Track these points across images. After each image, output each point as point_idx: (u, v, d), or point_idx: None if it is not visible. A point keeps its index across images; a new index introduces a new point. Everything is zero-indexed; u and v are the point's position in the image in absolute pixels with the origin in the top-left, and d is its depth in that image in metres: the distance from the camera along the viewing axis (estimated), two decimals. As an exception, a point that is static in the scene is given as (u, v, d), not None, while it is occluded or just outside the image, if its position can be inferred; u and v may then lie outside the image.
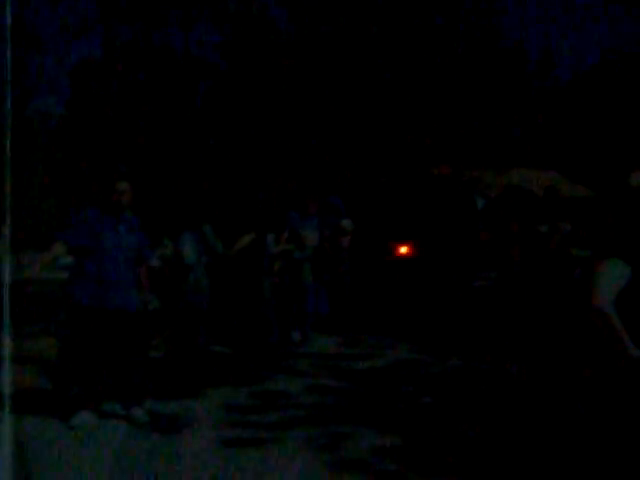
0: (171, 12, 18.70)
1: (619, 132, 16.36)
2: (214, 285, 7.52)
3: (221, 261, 7.80)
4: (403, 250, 9.68)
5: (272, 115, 17.56)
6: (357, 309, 9.69)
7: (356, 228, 9.64)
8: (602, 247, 2.87)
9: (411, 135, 17.17)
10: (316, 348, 8.58)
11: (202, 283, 7.24)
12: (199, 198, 8.61)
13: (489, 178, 9.70)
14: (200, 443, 4.92)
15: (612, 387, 2.79)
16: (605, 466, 2.79)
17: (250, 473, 4.33)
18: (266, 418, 5.55)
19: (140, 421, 5.38)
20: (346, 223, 9.55)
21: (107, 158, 16.19)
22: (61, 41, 18.81)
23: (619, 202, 2.89)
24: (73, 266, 5.51)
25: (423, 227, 9.60)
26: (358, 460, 4.59)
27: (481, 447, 4.83)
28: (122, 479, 4.25)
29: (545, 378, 5.24)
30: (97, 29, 18.64)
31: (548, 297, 5.56)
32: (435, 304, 9.03)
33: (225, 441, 4.95)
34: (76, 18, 18.62)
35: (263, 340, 8.13)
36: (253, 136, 17.62)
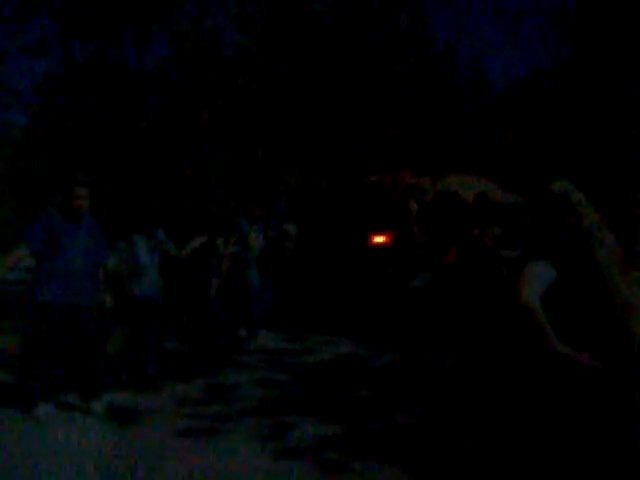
0: (126, 30, 18.42)
1: (546, 141, 16.63)
2: (167, 285, 7.31)
3: (173, 262, 7.61)
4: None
5: (221, 126, 17.45)
6: (300, 308, 9.58)
7: (300, 232, 9.54)
8: (529, 249, 2.84)
9: (352, 146, 17.27)
10: (262, 344, 8.44)
11: (155, 283, 7.01)
12: (153, 204, 8.38)
13: (425, 184, 9.66)
14: (155, 434, 4.82)
15: (539, 379, 2.76)
16: (534, 447, 2.75)
17: (201, 462, 4.23)
18: (216, 410, 5.47)
19: (98, 413, 5.28)
20: (290, 227, 9.47)
21: (67, 166, 15.78)
22: (24, 57, 18.35)
23: (543, 208, 2.86)
24: (35, 267, 5.28)
25: (365, 231, 9.51)
26: (302, 448, 4.54)
27: (417, 435, 4.76)
28: (81, 467, 4.09)
29: (477, 369, 5.22)
30: (57, 46, 18.19)
31: (479, 295, 5.55)
32: (376, 303, 8.95)
33: (178, 431, 4.87)
34: (38, 35, 18.24)
35: (213, 336, 7.99)
36: (204, 145, 17.49)
